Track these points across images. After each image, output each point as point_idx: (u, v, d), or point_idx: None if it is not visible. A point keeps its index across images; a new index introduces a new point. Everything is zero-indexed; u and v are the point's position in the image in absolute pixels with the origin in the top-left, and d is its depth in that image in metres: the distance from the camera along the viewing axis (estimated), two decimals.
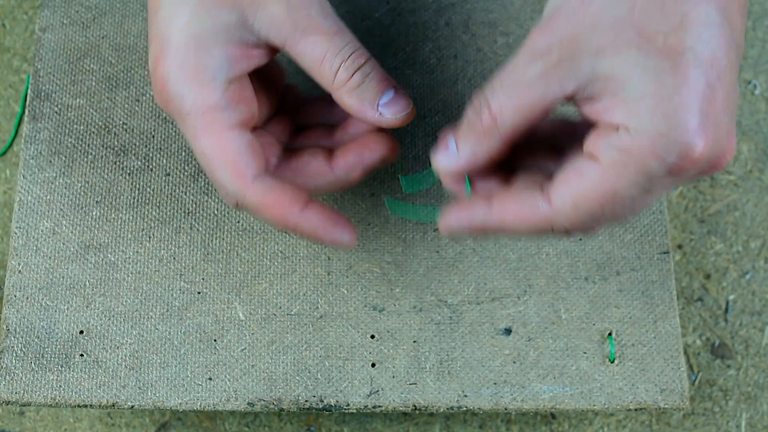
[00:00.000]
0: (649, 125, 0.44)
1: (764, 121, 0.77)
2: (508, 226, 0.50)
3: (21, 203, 0.64)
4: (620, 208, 0.47)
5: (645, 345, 0.63)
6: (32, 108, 0.67)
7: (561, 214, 0.48)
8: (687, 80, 0.44)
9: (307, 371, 0.61)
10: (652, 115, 0.44)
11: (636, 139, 0.45)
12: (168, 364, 0.61)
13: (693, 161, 0.44)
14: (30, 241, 0.63)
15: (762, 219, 0.75)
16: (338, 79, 0.54)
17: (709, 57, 0.44)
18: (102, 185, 0.65)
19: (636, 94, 0.45)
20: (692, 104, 0.44)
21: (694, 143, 0.44)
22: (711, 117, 0.44)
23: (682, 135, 0.44)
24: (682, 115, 0.44)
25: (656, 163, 0.44)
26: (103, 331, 0.62)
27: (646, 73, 0.45)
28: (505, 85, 0.48)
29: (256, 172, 0.53)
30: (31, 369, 0.61)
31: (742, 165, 0.76)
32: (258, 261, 0.64)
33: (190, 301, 0.63)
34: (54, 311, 0.62)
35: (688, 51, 0.44)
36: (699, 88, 0.44)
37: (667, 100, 0.44)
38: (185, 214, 0.65)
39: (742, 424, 0.70)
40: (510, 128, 0.49)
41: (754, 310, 0.72)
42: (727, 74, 0.45)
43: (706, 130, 0.44)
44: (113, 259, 0.63)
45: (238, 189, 0.53)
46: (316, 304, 0.63)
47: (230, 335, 0.62)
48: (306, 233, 0.54)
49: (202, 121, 0.52)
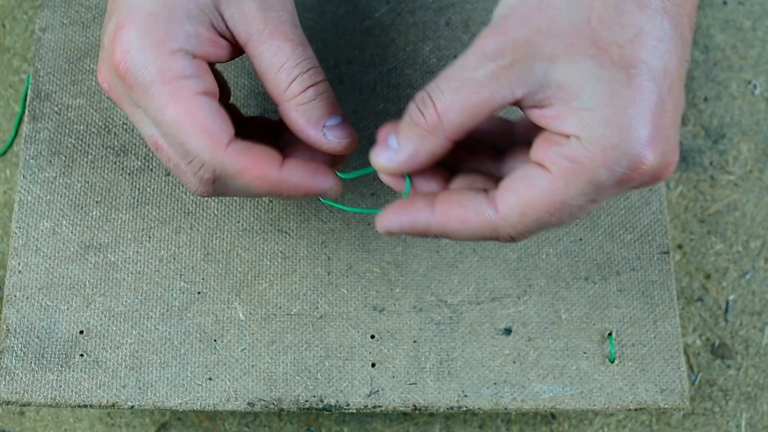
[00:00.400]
0: (602, 136, 0.44)
1: (764, 121, 0.77)
2: (450, 230, 0.49)
3: (21, 203, 0.64)
4: (566, 216, 0.47)
5: (645, 345, 0.63)
6: (32, 108, 0.67)
7: (507, 222, 0.47)
8: (640, 93, 0.44)
9: (307, 371, 0.61)
10: (605, 126, 0.44)
11: (588, 149, 0.44)
12: (168, 364, 0.61)
13: (642, 173, 0.45)
14: (30, 241, 0.63)
15: (762, 219, 0.75)
16: (291, 90, 0.52)
17: (661, 70, 0.45)
18: (102, 185, 0.65)
19: (589, 105, 0.45)
20: (644, 117, 0.44)
21: (645, 155, 0.44)
22: (661, 130, 0.45)
23: (633, 147, 0.44)
24: (635, 127, 0.44)
25: (606, 174, 0.45)
26: (103, 331, 0.62)
27: (600, 83, 0.44)
28: (453, 84, 0.47)
29: (229, 136, 0.50)
30: (31, 369, 0.61)
31: (742, 165, 0.76)
32: (258, 261, 0.64)
33: (190, 301, 0.63)
34: (54, 311, 0.62)
35: (642, 64, 0.44)
36: (651, 101, 0.44)
37: (621, 111, 0.44)
38: (185, 214, 0.65)
39: (742, 424, 0.70)
40: (455, 128, 0.48)
41: (754, 310, 0.72)
42: (677, 88, 0.46)
43: (656, 142, 0.45)
44: (113, 259, 0.63)
45: (214, 154, 0.50)
46: (316, 304, 0.63)
47: (230, 335, 0.62)
48: (290, 189, 0.52)
49: (169, 88, 0.49)
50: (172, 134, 0.50)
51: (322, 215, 0.65)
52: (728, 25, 0.81)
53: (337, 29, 0.70)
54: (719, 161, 0.77)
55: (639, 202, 0.66)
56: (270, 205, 0.65)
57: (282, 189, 0.52)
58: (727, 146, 0.77)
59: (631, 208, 0.66)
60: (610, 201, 0.66)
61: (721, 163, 0.76)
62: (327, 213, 0.65)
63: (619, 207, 0.66)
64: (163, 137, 0.51)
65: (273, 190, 0.52)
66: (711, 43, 0.80)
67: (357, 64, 0.65)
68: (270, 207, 0.65)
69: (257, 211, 0.65)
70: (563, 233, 0.65)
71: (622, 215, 0.66)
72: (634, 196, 0.66)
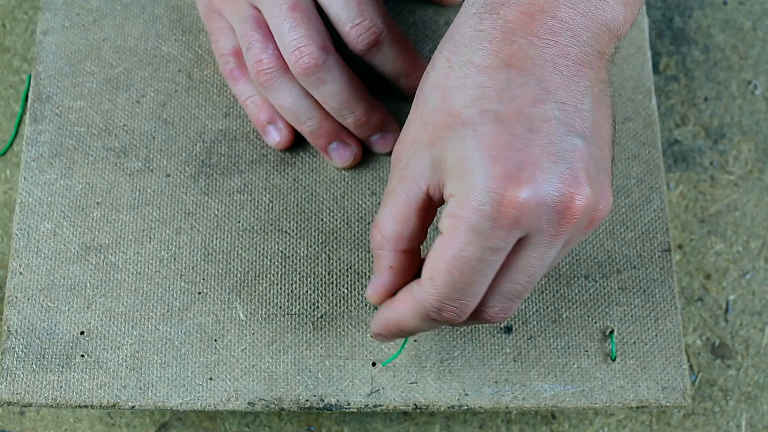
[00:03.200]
0: (462, 185, 0.46)
1: (764, 121, 0.77)
2: (403, 321, 0.53)
3: (22, 205, 0.64)
4: (472, 271, 0.48)
5: (646, 343, 0.63)
6: (33, 110, 0.67)
7: (426, 293, 0.50)
8: (486, 137, 0.46)
9: (307, 371, 0.61)
10: (460, 176, 0.47)
11: (457, 201, 0.47)
12: (168, 365, 0.61)
13: (512, 204, 0.45)
14: (31, 243, 0.64)
15: (762, 219, 0.74)
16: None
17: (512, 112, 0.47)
18: (102, 186, 0.65)
19: (451, 165, 0.47)
20: (493, 155, 0.46)
21: (505, 188, 0.45)
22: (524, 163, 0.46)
23: (488, 183, 0.45)
24: (484, 166, 0.46)
25: (477, 217, 0.46)
26: (103, 331, 0.62)
27: (455, 144, 0.47)
28: (382, 204, 0.53)
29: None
30: (32, 370, 0.61)
31: (742, 165, 0.76)
32: (258, 261, 0.64)
33: (190, 302, 0.63)
34: (55, 312, 0.62)
35: (487, 112, 0.47)
36: (501, 140, 0.46)
37: (470, 158, 0.46)
38: (185, 215, 0.65)
39: (742, 424, 0.70)
40: (394, 238, 0.52)
41: (755, 310, 0.72)
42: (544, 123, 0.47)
43: (521, 174, 0.45)
44: (114, 260, 0.63)
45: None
46: (317, 304, 0.63)
47: (231, 335, 0.62)
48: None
49: None
50: None
51: (323, 215, 0.65)
52: (728, 25, 0.81)
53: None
54: (719, 161, 0.76)
55: (640, 200, 0.66)
56: (270, 205, 0.65)
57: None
58: (727, 146, 0.77)
59: (632, 206, 0.66)
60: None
61: (721, 163, 0.76)
62: (327, 213, 0.65)
63: (620, 205, 0.66)
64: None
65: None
66: (711, 43, 0.80)
67: (358, 63, 0.65)
68: (270, 207, 0.65)
69: (257, 212, 0.65)
70: None
71: (623, 213, 0.66)
72: (635, 194, 0.66)
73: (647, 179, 0.67)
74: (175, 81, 0.68)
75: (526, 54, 0.48)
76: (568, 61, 0.48)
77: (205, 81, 0.68)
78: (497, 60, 0.48)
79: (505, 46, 0.48)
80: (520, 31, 0.48)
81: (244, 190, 0.65)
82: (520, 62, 0.47)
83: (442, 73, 0.49)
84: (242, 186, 0.66)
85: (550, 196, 0.46)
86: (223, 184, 0.66)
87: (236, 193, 0.65)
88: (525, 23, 0.48)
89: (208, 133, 0.67)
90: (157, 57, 0.69)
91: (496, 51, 0.48)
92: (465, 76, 0.48)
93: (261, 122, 0.65)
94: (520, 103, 0.47)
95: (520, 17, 0.48)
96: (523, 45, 0.48)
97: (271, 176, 0.66)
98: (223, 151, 0.66)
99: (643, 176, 0.67)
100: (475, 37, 0.49)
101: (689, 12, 0.81)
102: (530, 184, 0.45)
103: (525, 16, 0.48)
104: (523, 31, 0.48)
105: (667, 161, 0.76)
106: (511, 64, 0.47)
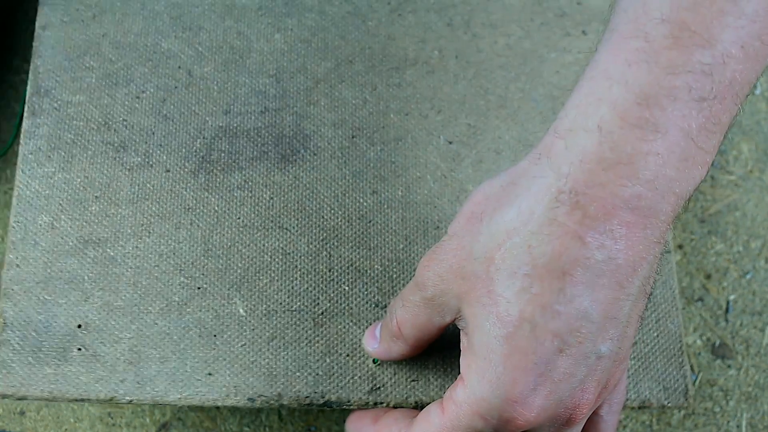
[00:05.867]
0: (477, 386, 0.46)
1: (764, 121, 0.78)
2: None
3: (19, 198, 0.64)
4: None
5: (647, 344, 0.63)
6: (31, 104, 0.66)
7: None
8: (517, 351, 0.45)
9: (308, 367, 0.61)
10: (480, 376, 0.46)
11: (468, 396, 0.47)
12: (167, 359, 0.60)
13: (519, 425, 0.46)
14: (28, 236, 0.63)
15: (762, 219, 0.75)
16: None
17: (552, 329, 0.44)
18: (101, 181, 0.64)
19: (475, 350, 0.46)
20: (516, 375, 0.45)
21: (516, 411, 0.45)
22: (541, 390, 0.45)
23: (502, 403, 0.45)
24: (504, 383, 0.45)
25: (482, 423, 0.47)
26: (101, 325, 0.61)
27: (482, 333, 0.46)
28: (403, 303, 0.53)
29: None
30: (28, 362, 0.60)
31: (742, 165, 0.76)
32: (259, 257, 0.63)
33: (190, 297, 0.62)
34: (52, 305, 0.61)
35: (525, 322, 0.45)
36: (529, 359, 0.45)
37: (494, 367, 0.45)
38: (185, 210, 0.64)
39: (742, 424, 0.70)
40: (411, 339, 0.54)
41: (755, 310, 0.72)
42: (576, 347, 0.45)
43: (532, 402, 0.45)
44: (112, 254, 0.63)
45: None
46: (317, 301, 0.63)
47: (231, 331, 0.61)
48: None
49: None
50: None
51: (324, 212, 0.65)
52: None
53: (338, 29, 0.70)
54: (719, 161, 0.77)
55: None
56: (270, 201, 0.65)
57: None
58: (728, 146, 0.77)
59: None
60: None
61: (722, 163, 0.77)
62: (328, 210, 0.65)
63: None
64: None
65: None
66: None
67: (358, 63, 0.64)
68: (270, 204, 0.65)
69: (258, 208, 0.64)
70: None
71: None
72: None
73: None
74: (175, 77, 0.68)
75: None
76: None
77: (206, 78, 0.68)
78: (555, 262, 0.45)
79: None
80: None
81: (245, 187, 0.65)
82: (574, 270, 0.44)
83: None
84: (242, 182, 0.65)
85: (547, 417, 0.46)
86: (223, 180, 0.65)
87: (236, 190, 0.65)
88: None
89: (208, 129, 0.66)
90: (157, 53, 0.69)
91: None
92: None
93: None
94: (560, 321, 0.45)
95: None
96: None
97: (272, 173, 0.66)
98: (223, 148, 0.66)
99: None
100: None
101: None
102: (543, 407, 0.46)
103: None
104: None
105: None
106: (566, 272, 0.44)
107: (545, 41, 0.71)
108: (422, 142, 0.67)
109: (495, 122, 0.68)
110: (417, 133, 0.67)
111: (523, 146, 0.67)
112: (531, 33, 0.71)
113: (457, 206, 0.65)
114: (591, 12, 0.72)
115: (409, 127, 0.67)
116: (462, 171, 0.67)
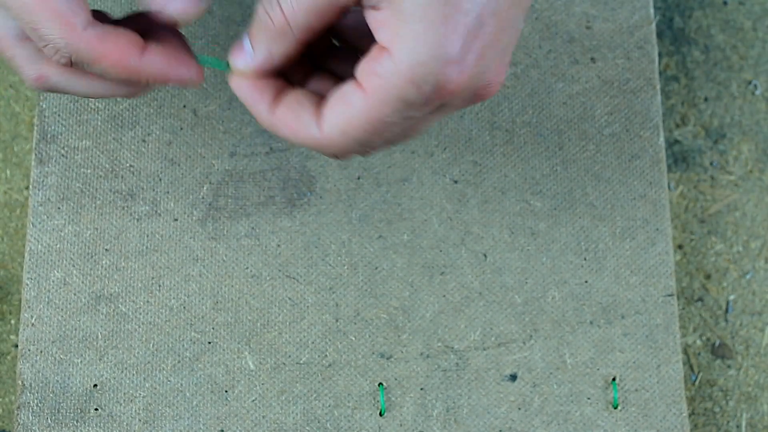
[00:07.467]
0: (412, 52, 0.43)
1: (764, 121, 0.77)
2: (283, 135, 0.49)
3: (31, 253, 0.64)
4: (391, 135, 0.47)
5: (648, 390, 0.64)
6: (39, 151, 0.66)
7: (330, 142, 0.47)
8: (457, 11, 0.43)
9: (316, 421, 0.63)
10: (415, 40, 0.43)
11: (397, 65, 0.44)
12: (181, 417, 0.62)
13: (449, 93, 0.44)
14: (42, 293, 0.64)
15: (762, 219, 0.75)
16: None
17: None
18: (110, 232, 0.65)
19: (407, 15, 0.43)
20: (456, 36, 0.43)
21: (450, 76, 0.44)
22: (473, 50, 0.44)
23: (439, 66, 0.43)
24: (444, 45, 0.43)
25: (414, 91, 0.44)
26: (116, 384, 0.63)
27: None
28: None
29: (85, 21, 0.47)
30: (47, 425, 0.62)
31: (742, 165, 0.77)
32: (267, 309, 0.64)
33: (201, 352, 0.63)
34: (68, 365, 0.63)
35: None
36: (468, 21, 0.43)
37: (433, 28, 0.43)
38: (194, 261, 0.65)
39: (742, 424, 0.71)
40: (303, 29, 0.47)
41: (755, 310, 0.73)
42: (505, 12, 0.44)
43: (466, 63, 0.44)
44: (124, 309, 0.64)
45: (69, 39, 0.47)
46: (325, 353, 0.64)
47: (241, 386, 0.63)
48: (152, 76, 0.50)
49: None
50: (26, 18, 0.47)
51: (330, 259, 0.66)
52: (728, 25, 0.80)
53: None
54: (719, 161, 0.77)
55: (645, 243, 0.67)
56: (278, 249, 0.65)
57: (142, 76, 0.50)
58: (728, 146, 0.77)
59: (637, 248, 0.67)
60: (616, 242, 0.66)
61: (722, 163, 0.77)
62: (334, 257, 0.66)
63: (624, 248, 0.67)
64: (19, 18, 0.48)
65: (132, 77, 0.50)
66: (711, 43, 0.80)
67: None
68: (278, 252, 0.65)
69: (266, 257, 0.65)
70: (569, 275, 0.66)
71: (627, 256, 0.66)
72: (640, 236, 0.67)
73: (653, 220, 0.67)
74: (181, 117, 0.68)
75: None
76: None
77: (211, 117, 0.68)
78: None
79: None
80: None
81: (252, 234, 0.66)
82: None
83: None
84: (250, 230, 0.66)
85: (472, 85, 0.45)
86: (231, 228, 0.66)
87: (244, 238, 0.66)
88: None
89: (214, 173, 0.67)
90: (162, 92, 0.68)
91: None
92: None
93: None
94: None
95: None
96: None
97: (279, 219, 0.66)
98: (230, 193, 0.66)
99: (649, 217, 0.67)
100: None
101: (689, 12, 0.80)
102: (473, 74, 0.44)
103: None
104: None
105: (668, 161, 0.76)
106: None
107: (553, 69, 0.70)
108: (428, 182, 0.67)
109: (501, 159, 0.68)
110: (423, 172, 0.68)
111: (529, 185, 0.68)
112: (539, 61, 0.70)
113: (462, 250, 0.66)
114: (601, 37, 0.71)
115: (415, 166, 0.68)
116: (467, 212, 0.67)
